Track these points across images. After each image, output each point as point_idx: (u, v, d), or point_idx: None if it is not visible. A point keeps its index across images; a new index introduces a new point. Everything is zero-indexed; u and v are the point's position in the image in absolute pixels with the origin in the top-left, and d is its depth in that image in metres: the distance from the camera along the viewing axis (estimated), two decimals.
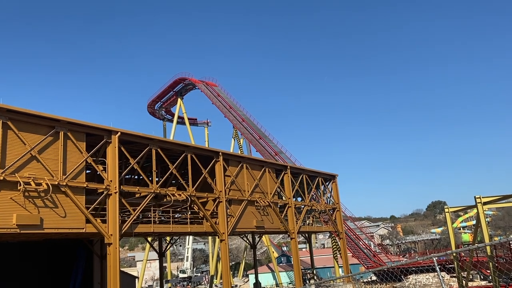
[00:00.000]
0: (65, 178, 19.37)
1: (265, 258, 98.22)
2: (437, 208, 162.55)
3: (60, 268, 30.34)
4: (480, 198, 20.27)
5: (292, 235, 35.43)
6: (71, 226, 19.53)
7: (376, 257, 50.97)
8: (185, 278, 78.57)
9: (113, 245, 20.87)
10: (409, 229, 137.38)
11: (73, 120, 20.36)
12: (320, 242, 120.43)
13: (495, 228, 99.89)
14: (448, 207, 24.69)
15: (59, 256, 30.51)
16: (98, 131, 21.65)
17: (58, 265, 30.45)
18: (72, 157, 20.17)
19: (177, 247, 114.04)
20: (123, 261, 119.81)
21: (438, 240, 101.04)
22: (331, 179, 44.87)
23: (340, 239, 44.12)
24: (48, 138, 19.34)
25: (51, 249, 29.98)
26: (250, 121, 60.57)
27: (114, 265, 20.68)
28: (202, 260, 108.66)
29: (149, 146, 24.03)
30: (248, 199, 30.57)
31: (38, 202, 18.38)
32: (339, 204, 44.51)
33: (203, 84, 66.27)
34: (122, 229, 21.56)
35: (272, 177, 34.34)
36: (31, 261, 29.43)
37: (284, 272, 65.45)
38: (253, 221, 30.67)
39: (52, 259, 30.39)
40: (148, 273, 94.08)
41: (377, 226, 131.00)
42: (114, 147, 21.91)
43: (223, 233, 27.83)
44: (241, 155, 34.68)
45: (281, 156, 53.13)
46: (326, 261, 67.25)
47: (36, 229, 18.12)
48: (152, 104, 74.43)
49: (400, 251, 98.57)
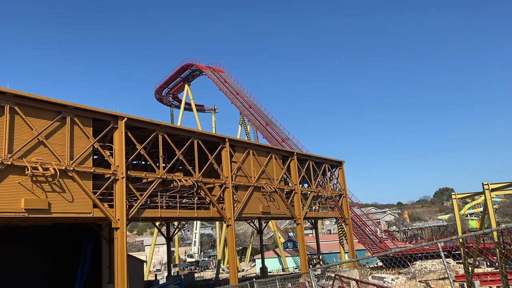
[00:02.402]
0: (72, 163, 19.49)
1: (272, 243, 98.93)
2: (445, 195, 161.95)
3: (68, 253, 30.77)
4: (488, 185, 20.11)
5: (298, 221, 35.55)
6: (79, 211, 19.71)
7: (382, 243, 51.07)
8: (193, 263, 79.48)
9: (120, 229, 21.07)
10: (416, 215, 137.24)
11: (80, 106, 20.39)
12: (326, 228, 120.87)
13: (503, 215, 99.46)
14: (456, 193, 24.52)
15: (66, 241, 30.91)
16: (104, 116, 21.69)
17: (65, 250, 30.84)
18: (79, 143, 20.27)
19: (185, 232, 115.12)
20: (132, 246, 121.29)
21: (445, 227, 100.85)
22: (338, 166, 44.78)
23: (346, 225, 44.20)
24: (55, 123, 19.42)
25: (58, 234, 30.33)
26: (257, 107, 60.35)
27: (121, 250, 20.89)
28: (210, 245, 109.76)
29: (156, 131, 24.06)
30: (255, 185, 30.63)
31: (46, 186, 18.55)
32: (345, 190, 44.49)
33: (210, 70, 65.95)
34: (129, 214, 21.74)
35: (279, 163, 34.33)
36: (37, 246, 29.83)
37: (291, 257, 65.94)
38: (259, 207, 30.78)
39: (59, 244, 30.79)
40: (156, 257, 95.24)
41: (383, 212, 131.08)
42: (120, 132, 21.97)
43: (230, 218, 27.98)
44: (248, 141, 34.66)
45: (287, 143, 53.02)
46: (332, 246, 67.61)
47: (44, 213, 18.33)
48: (160, 90, 74.29)
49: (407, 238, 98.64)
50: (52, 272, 30.23)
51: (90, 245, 29.98)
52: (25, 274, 28.83)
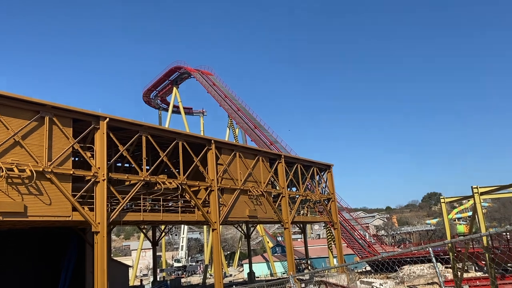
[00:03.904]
0: (51, 165, 18.78)
1: (261, 248, 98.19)
2: (433, 199, 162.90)
3: (53, 258, 29.97)
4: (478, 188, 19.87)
5: (285, 225, 35.01)
6: (57, 214, 18.98)
7: (371, 248, 50.77)
8: (180, 267, 78.50)
9: (101, 233, 20.36)
10: (404, 220, 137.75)
11: (59, 105, 19.70)
12: (315, 233, 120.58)
13: (491, 219, 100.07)
14: (444, 197, 24.31)
15: (51, 245, 30.12)
16: (85, 116, 21.01)
17: (50, 254, 30.05)
18: (58, 143, 19.57)
19: (172, 237, 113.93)
20: (119, 250, 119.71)
21: (433, 231, 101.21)
22: (327, 169, 44.42)
23: (334, 229, 43.80)
24: (33, 123, 18.72)
25: (44, 238, 29.55)
26: (246, 110, 59.85)
27: (101, 254, 20.17)
28: (198, 249, 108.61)
29: (139, 132, 23.41)
30: (241, 188, 30.07)
31: (22, 189, 17.82)
32: (334, 194, 44.11)
33: (198, 73, 65.37)
34: (110, 218, 21.04)
35: (266, 166, 33.82)
36: (24, 252, 29.05)
37: (279, 262, 65.30)
38: (245, 211, 30.21)
39: (45, 249, 30.00)
40: (143, 262, 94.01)
41: (372, 217, 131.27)
42: (102, 133, 21.29)
43: (215, 222, 27.36)
44: (234, 144, 34.08)
45: (276, 146, 52.57)
46: (321, 251, 67.12)
47: (20, 216, 17.57)
48: (148, 93, 73.58)
49: (395, 242, 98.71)
50: (36, 277, 29.40)
51: (74, 250, 29.21)
52: (10, 279, 27.98)
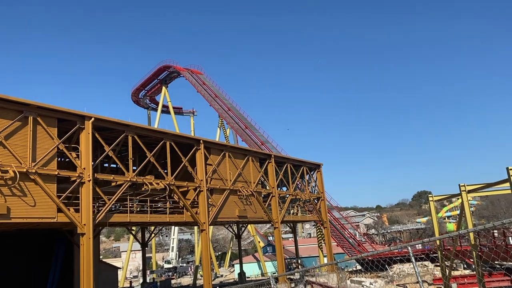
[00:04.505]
0: (35, 165, 18.46)
1: (252, 248, 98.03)
2: (423, 198, 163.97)
3: (41, 260, 29.60)
4: (465, 186, 19.97)
5: (275, 225, 34.93)
6: (42, 216, 18.67)
7: (361, 246, 50.94)
8: (170, 269, 78.08)
9: (86, 235, 20.05)
10: (394, 218, 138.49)
11: (44, 105, 19.38)
12: (306, 232, 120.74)
13: (479, 217, 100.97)
14: (433, 195, 24.43)
15: (40, 247, 29.76)
16: (70, 116, 20.71)
17: (39, 256, 29.68)
18: (43, 144, 19.25)
19: (163, 238, 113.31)
20: (109, 252, 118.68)
21: (423, 229, 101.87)
22: (316, 168, 44.44)
23: (324, 228, 43.84)
24: (16, 123, 18.39)
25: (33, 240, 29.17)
26: (236, 110, 59.70)
27: (87, 256, 19.82)
28: (188, 250, 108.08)
29: (126, 132, 23.13)
30: (231, 188, 29.91)
31: (5, 190, 17.48)
32: (323, 193, 44.16)
33: (188, 72, 65.01)
34: (96, 219, 20.75)
35: (256, 166, 33.70)
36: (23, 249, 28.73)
37: (270, 261, 65.25)
38: (235, 211, 30.06)
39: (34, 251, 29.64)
40: (133, 264, 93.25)
41: (362, 215, 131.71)
42: (87, 133, 21.00)
43: (204, 223, 27.16)
44: (224, 144, 33.89)
45: (267, 146, 52.48)
46: (312, 250, 67.20)
47: (2, 218, 17.24)
48: (136, 92, 72.92)
49: (386, 241, 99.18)
50: (37, 277, 29.05)
51: (61, 252, 28.88)
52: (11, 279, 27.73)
